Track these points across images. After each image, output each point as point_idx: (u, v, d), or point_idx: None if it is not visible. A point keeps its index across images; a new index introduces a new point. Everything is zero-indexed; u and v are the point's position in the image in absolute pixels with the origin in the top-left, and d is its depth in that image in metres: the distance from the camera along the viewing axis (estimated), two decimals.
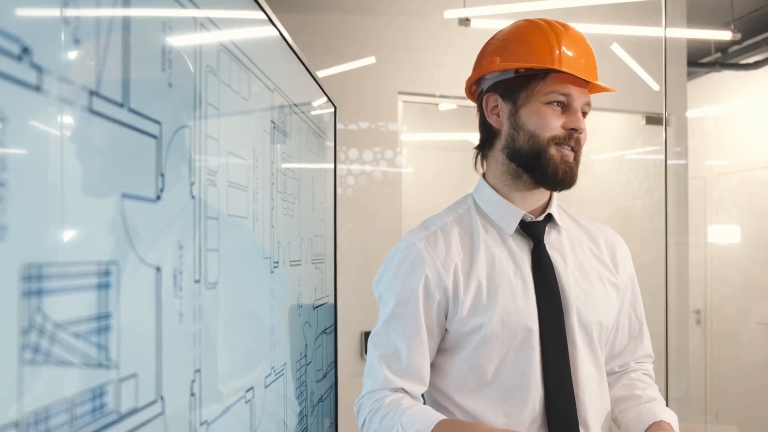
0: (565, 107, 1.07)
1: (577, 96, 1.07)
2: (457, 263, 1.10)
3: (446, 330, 1.11)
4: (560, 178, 1.07)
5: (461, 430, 1.02)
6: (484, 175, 1.19)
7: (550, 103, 1.07)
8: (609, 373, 1.21)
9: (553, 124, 1.06)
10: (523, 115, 1.08)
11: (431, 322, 1.10)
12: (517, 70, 1.09)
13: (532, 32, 1.10)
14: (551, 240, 1.14)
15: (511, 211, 1.12)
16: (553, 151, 1.06)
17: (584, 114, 1.10)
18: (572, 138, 1.07)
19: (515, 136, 1.10)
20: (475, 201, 1.17)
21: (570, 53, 1.07)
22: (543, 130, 1.07)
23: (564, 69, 1.05)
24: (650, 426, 1.07)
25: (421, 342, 1.10)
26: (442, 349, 1.14)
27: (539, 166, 1.07)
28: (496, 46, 1.13)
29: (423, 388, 1.13)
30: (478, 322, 1.07)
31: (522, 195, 1.13)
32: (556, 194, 1.17)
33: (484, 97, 1.14)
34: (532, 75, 1.08)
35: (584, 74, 1.07)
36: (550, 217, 1.15)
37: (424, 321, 1.10)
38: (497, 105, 1.12)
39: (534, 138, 1.07)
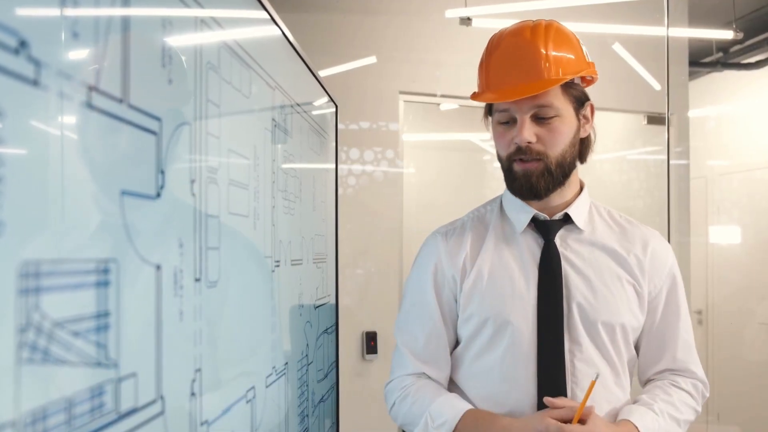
0: (513, 121, 1.10)
1: (518, 108, 1.07)
2: (467, 253, 1.16)
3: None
4: (526, 191, 1.11)
5: (485, 422, 1.06)
6: None
7: (500, 123, 1.12)
8: (646, 383, 1.20)
9: (504, 143, 1.11)
10: (493, 137, 1.16)
11: (444, 310, 1.17)
12: None
13: (482, 58, 1.16)
14: (567, 239, 1.15)
15: (525, 210, 1.16)
16: (515, 167, 1.11)
17: (544, 118, 1.07)
18: (520, 150, 1.08)
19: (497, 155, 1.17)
20: (501, 201, 1.23)
21: (498, 72, 1.09)
22: (500, 150, 1.14)
23: (484, 99, 1.11)
24: (619, 422, 1.06)
25: (435, 328, 1.16)
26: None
27: (508, 181, 1.14)
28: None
29: (444, 374, 1.17)
30: (473, 310, 1.12)
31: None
32: (584, 194, 1.18)
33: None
34: None
35: (514, 89, 1.05)
36: (568, 217, 1.14)
37: (437, 308, 1.16)
38: (490, 126, 1.20)
39: (499, 158, 1.15)
